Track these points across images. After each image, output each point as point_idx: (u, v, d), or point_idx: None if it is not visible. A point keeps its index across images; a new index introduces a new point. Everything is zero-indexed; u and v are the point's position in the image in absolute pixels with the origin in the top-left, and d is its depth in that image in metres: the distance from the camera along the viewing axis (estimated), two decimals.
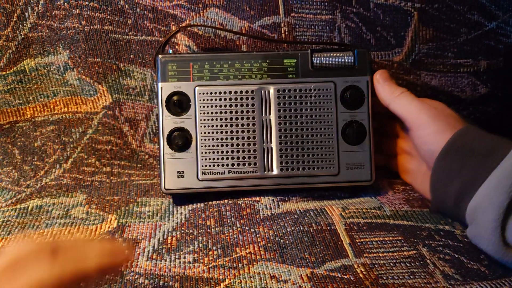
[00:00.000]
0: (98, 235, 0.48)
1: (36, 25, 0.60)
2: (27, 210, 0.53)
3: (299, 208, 0.51)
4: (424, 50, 0.61)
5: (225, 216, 0.50)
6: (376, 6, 0.60)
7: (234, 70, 0.52)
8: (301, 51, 0.53)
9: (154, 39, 0.60)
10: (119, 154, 0.61)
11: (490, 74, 0.63)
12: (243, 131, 0.52)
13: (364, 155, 0.53)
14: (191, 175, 0.52)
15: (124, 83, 0.61)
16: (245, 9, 0.59)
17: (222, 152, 0.52)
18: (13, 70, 0.60)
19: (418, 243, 0.45)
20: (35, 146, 0.61)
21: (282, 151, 0.52)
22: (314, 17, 0.60)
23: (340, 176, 0.53)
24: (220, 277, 0.42)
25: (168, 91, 0.52)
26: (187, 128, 0.52)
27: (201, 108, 0.52)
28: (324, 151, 0.52)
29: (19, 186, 0.58)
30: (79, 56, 0.60)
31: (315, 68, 0.53)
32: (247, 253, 0.45)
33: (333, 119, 0.52)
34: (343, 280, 0.41)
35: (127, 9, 0.59)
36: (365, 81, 0.53)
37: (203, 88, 0.52)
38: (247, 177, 0.52)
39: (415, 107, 0.50)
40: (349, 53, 0.53)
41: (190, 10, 0.60)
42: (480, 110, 0.65)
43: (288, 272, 0.42)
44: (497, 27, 0.62)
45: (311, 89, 0.52)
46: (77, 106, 0.61)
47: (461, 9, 0.61)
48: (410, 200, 0.53)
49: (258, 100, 0.52)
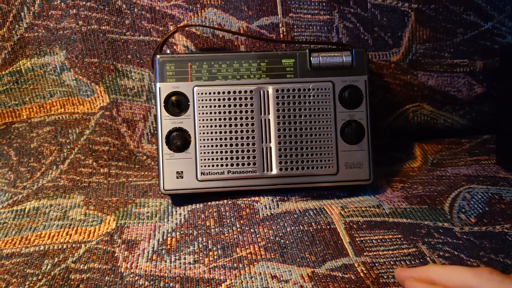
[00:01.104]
0: (97, 236, 0.48)
1: (32, 25, 0.59)
2: (24, 212, 0.53)
3: (298, 208, 0.51)
4: (421, 50, 0.62)
5: (224, 216, 0.50)
6: (373, 7, 0.60)
7: (232, 70, 0.52)
8: (299, 51, 0.53)
9: (152, 39, 0.60)
10: (116, 155, 0.61)
11: (486, 74, 0.64)
12: (242, 131, 0.52)
13: (363, 154, 0.53)
14: (190, 175, 0.52)
15: (121, 84, 0.61)
16: (243, 9, 0.59)
17: (221, 152, 0.52)
18: (8, 70, 0.60)
19: (417, 240, 0.45)
20: (32, 147, 0.60)
21: (281, 151, 0.52)
22: (312, 18, 0.60)
23: (339, 176, 0.53)
24: (221, 278, 0.41)
25: (167, 92, 0.52)
26: (185, 129, 0.52)
27: (200, 108, 0.52)
28: (323, 151, 0.52)
29: (15, 188, 0.57)
30: (76, 57, 0.60)
31: (314, 68, 0.53)
32: (248, 254, 0.44)
33: (332, 119, 0.53)
34: (344, 280, 0.41)
35: (124, 9, 0.59)
36: (363, 80, 0.53)
37: (201, 88, 0.52)
38: (246, 177, 0.52)
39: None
40: (347, 53, 0.53)
41: (188, 10, 0.59)
42: (476, 109, 0.66)
43: (289, 272, 0.42)
44: (493, 28, 0.63)
45: (309, 88, 0.52)
46: (74, 106, 0.61)
47: (458, 10, 0.61)
48: (408, 197, 0.53)
49: (257, 100, 0.52)
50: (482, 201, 0.52)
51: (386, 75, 0.62)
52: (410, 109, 0.65)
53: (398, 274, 0.39)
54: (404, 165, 0.62)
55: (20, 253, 0.45)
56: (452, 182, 0.56)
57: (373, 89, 0.62)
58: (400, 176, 0.59)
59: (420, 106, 0.65)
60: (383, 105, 0.64)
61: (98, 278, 0.42)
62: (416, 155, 0.64)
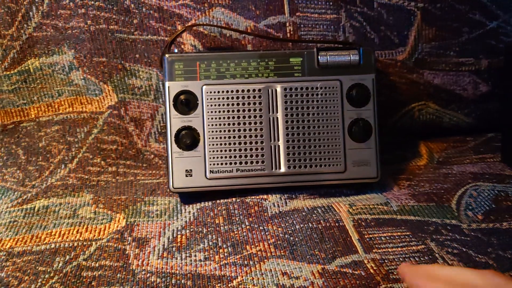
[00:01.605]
0: (107, 234, 0.48)
1: (41, 25, 0.59)
2: (34, 210, 0.53)
3: (307, 206, 0.52)
4: (427, 49, 0.62)
5: (233, 214, 0.51)
6: (380, 6, 0.61)
7: (240, 69, 0.52)
8: (307, 50, 0.53)
9: (160, 38, 0.60)
10: (124, 154, 0.61)
11: (491, 73, 0.64)
12: (251, 130, 0.52)
13: (370, 152, 0.53)
14: (199, 173, 0.52)
15: (129, 83, 0.61)
16: (250, 9, 0.60)
17: (230, 151, 0.52)
18: (17, 69, 0.60)
19: (426, 237, 0.46)
20: (40, 146, 0.60)
21: (289, 149, 0.52)
22: (319, 17, 0.60)
23: (347, 174, 0.53)
24: (232, 275, 0.42)
25: (176, 90, 0.52)
26: (194, 127, 0.52)
27: (209, 107, 0.52)
28: (330, 149, 0.53)
29: (24, 187, 0.57)
30: (84, 56, 0.60)
31: (321, 66, 0.53)
32: (258, 251, 0.45)
33: (339, 117, 0.53)
34: (355, 276, 0.41)
35: (132, 8, 0.59)
36: (371, 79, 0.53)
37: (210, 87, 0.52)
38: (255, 175, 0.52)
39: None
40: (355, 52, 0.53)
41: (196, 10, 0.60)
42: (481, 108, 0.66)
43: (299, 269, 0.42)
44: (498, 27, 0.63)
45: (317, 87, 0.52)
46: (82, 106, 0.61)
47: (463, 9, 0.62)
48: (416, 195, 0.54)
49: (265, 98, 0.52)
50: (488, 199, 0.52)
51: (392, 73, 0.62)
52: (416, 107, 0.66)
53: (402, 270, 0.39)
54: (410, 163, 0.62)
55: (31, 251, 0.46)
56: (458, 180, 0.56)
57: (379, 87, 0.62)
58: (406, 174, 0.59)
59: (426, 104, 0.65)
60: (389, 104, 0.65)
61: (110, 275, 0.42)
62: (422, 153, 0.65)
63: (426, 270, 0.38)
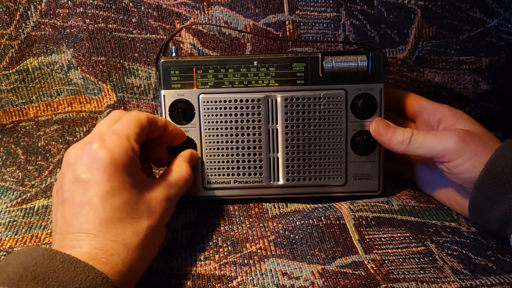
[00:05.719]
0: None
1: (39, 24, 0.59)
2: (33, 210, 0.53)
3: (307, 207, 0.52)
4: (427, 47, 0.62)
5: (233, 215, 0.51)
6: (380, 4, 0.60)
7: (239, 76, 0.50)
8: (311, 55, 0.49)
9: (159, 37, 0.60)
10: None
11: (492, 71, 0.64)
12: (249, 141, 0.50)
13: (373, 165, 0.51)
14: (196, 183, 0.51)
15: (128, 82, 0.61)
16: (249, 7, 0.59)
17: (227, 162, 0.51)
18: (16, 69, 0.60)
19: (426, 239, 0.46)
20: (39, 145, 0.60)
21: (288, 161, 0.51)
22: (319, 15, 0.60)
23: (347, 186, 0.52)
24: (232, 274, 0.42)
25: (172, 99, 0.50)
26: (191, 137, 0.50)
27: (206, 117, 0.50)
28: (331, 162, 0.51)
29: (23, 186, 0.57)
30: (83, 55, 0.60)
31: (326, 74, 0.49)
32: (257, 249, 0.45)
33: (343, 129, 0.50)
34: (355, 276, 0.41)
35: (131, 7, 0.59)
36: (379, 88, 0.49)
37: (207, 96, 0.50)
38: (253, 186, 0.51)
39: (432, 143, 0.46)
40: (363, 57, 0.49)
41: (195, 8, 0.59)
42: (482, 106, 0.66)
43: (300, 269, 0.42)
44: (499, 24, 0.63)
45: (320, 97, 0.49)
46: (81, 105, 0.61)
47: (464, 7, 0.61)
48: (416, 196, 0.53)
49: (265, 109, 0.50)
50: None
51: (392, 72, 0.62)
52: None
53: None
54: None
55: None
56: None
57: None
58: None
59: None
60: None
61: None
62: None
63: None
